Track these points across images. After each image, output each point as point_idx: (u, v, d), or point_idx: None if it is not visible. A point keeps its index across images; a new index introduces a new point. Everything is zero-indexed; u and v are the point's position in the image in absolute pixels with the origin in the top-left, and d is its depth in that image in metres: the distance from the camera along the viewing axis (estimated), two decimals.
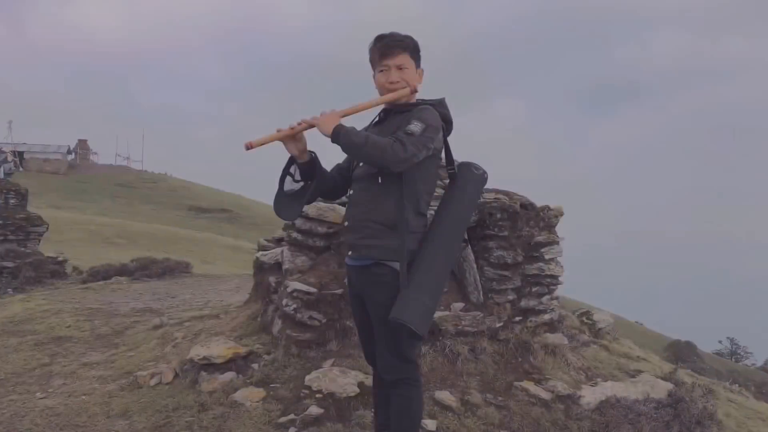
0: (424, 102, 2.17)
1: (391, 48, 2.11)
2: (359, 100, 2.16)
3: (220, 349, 3.61)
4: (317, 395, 3.12)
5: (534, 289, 4.01)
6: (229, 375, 3.44)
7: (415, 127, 1.99)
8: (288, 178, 2.23)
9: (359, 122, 2.19)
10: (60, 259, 9.71)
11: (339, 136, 1.96)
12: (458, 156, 2.29)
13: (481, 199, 3.82)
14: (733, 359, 39.03)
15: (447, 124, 2.17)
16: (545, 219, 4.13)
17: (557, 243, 4.10)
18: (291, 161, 2.21)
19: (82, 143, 63.85)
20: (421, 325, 1.96)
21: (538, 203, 4.21)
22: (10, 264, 8.92)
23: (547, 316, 4.05)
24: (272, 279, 4.32)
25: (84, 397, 3.53)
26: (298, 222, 3.92)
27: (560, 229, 4.21)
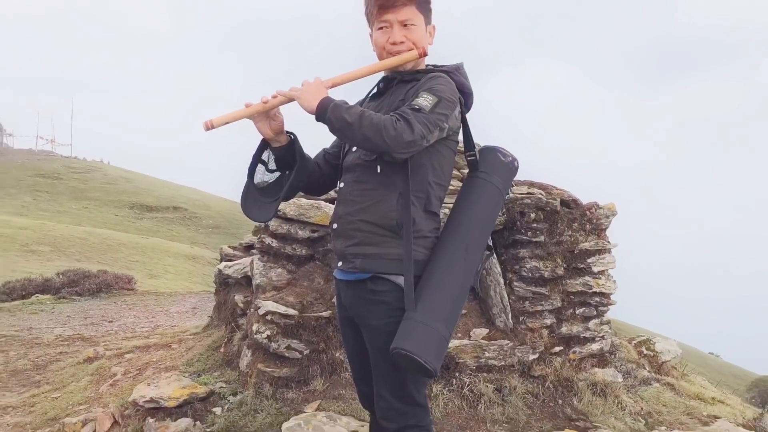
0: (436, 68, 2.17)
1: None
2: (353, 66, 2.17)
3: (171, 388, 3.62)
4: None
5: (578, 311, 4.02)
6: (184, 422, 3.44)
7: (425, 100, 1.99)
8: (260, 167, 2.23)
9: (353, 94, 2.20)
10: None
11: (326, 112, 1.96)
12: (480, 138, 2.29)
13: (510, 194, 3.83)
14: None
15: (465, 97, 2.17)
16: (593, 220, 4.13)
17: (609, 251, 4.11)
18: (264, 145, 2.21)
19: None
20: (432, 357, 1.96)
21: (584, 199, 4.22)
22: None
23: (595, 346, 4.06)
24: (239, 298, 4.33)
25: None
26: (273, 224, 3.93)
27: (612, 233, 4.22)
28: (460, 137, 2.21)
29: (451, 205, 2.19)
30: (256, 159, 2.23)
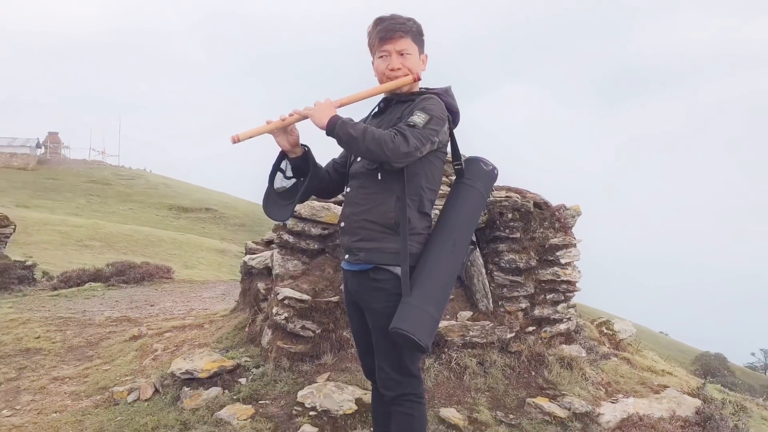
0: (428, 91, 2.17)
1: (392, 32, 2.11)
2: (357, 89, 2.17)
3: (204, 362, 3.61)
4: (311, 413, 3.13)
5: (549, 297, 4.01)
6: (214, 391, 3.44)
7: (419, 118, 1.99)
8: (278, 175, 2.24)
9: (357, 113, 2.20)
10: (28, 263, 9.70)
11: (334, 128, 1.96)
12: (466, 150, 2.29)
13: (491, 198, 3.82)
14: (767, 373, 39.07)
15: (453, 115, 2.17)
16: (561, 219, 4.13)
17: (574, 245, 4.10)
18: (282, 156, 2.21)
19: (53, 136, 63.91)
20: (424, 336, 1.96)
21: (554, 202, 4.22)
22: None
23: (563, 326, 4.06)
24: (261, 285, 4.32)
25: (55, 414, 3.54)
26: (290, 223, 3.93)
27: (578, 230, 4.22)
28: (449, 149, 2.21)
29: (440, 207, 2.19)
30: (276, 167, 2.24)
